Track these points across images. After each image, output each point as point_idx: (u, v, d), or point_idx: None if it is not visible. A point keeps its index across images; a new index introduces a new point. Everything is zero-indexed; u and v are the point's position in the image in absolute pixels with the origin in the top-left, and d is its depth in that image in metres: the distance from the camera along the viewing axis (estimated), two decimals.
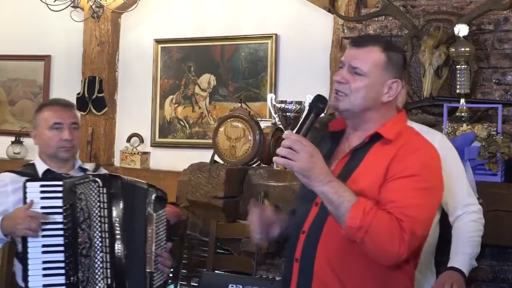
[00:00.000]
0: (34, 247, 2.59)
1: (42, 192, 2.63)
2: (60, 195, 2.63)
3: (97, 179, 2.60)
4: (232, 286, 3.00)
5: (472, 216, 2.65)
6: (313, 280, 1.98)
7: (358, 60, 2.02)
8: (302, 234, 2.03)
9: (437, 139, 2.72)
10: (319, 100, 2.01)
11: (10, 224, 2.62)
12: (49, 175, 2.84)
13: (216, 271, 3.63)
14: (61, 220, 2.61)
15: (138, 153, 5.13)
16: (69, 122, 2.89)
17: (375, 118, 2.05)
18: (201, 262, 4.16)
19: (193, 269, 4.39)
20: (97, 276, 2.54)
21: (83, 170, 2.95)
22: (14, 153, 5.51)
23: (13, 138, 5.55)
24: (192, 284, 4.48)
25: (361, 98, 2.01)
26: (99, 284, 2.54)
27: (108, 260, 2.56)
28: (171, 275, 3.94)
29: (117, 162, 5.32)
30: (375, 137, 2.02)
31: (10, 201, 2.78)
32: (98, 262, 2.55)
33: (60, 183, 2.64)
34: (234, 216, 3.64)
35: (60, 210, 2.61)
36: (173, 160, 4.97)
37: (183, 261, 4.03)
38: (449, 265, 2.60)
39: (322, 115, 2.15)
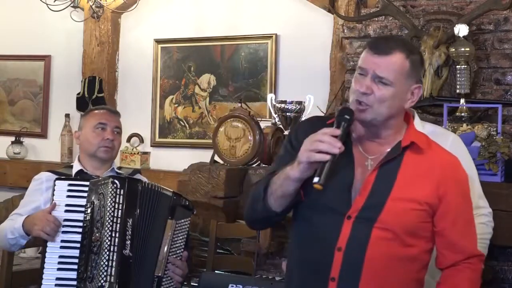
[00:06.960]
0: (54, 241, 2.70)
1: (69, 190, 2.74)
2: (85, 194, 2.73)
3: (115, 180, 2.69)
4: (232, 286, 3.00)
5: (482, 219, 2.60)
6: None
7: (384, 70, 1.89)
8: (338, 252, 1.90)
9: (449, 141, 2.67)
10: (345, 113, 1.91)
11: (29, 223, 2.74)
12: (79, 175, 2.94)
13: (216, 271, 3.64)
14: (82, 218, 2.70)
15: (138, 153, 5.12)
16: (113, 125, 3.01)
17: (396, 124, 1.98)
18: (201, 262, 4.16)
19: (193, 269, 4.39)
20: (101, 274, 2.60)
21: (117, 173, 3.01)
22: (14, 153, 5.50)
23: (13, 138, 5.54)
24: (192, 284, 4.47)
25: (386, 108, 1.91)
26: (102, 282, 2.58)
27: (114, 259, 2.61)
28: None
29: (117, 162, 5.31)
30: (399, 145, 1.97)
31: (43, 199, 2.91)
32: (104, 260, 2.61)
33: (87, 183, 2.74)
34: (234, 216, 3.64)
35: (82, 209, 2.71)
36: (173, 160, 4.97)
37: None
38: None
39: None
